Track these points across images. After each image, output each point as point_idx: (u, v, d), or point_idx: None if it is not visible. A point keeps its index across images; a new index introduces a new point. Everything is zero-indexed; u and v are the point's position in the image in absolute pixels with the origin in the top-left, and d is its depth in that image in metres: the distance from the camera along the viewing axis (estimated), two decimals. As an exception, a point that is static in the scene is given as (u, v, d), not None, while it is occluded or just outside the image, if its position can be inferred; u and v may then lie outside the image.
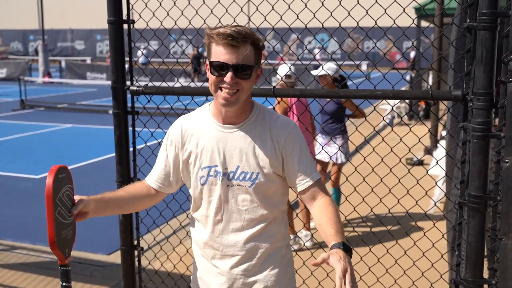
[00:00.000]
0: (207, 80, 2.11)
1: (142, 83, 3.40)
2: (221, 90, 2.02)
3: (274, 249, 2.18)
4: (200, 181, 2.15)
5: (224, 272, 2.17)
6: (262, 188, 2.11)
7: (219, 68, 1.99)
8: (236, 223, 2.14)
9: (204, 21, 2.98)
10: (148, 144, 3.42)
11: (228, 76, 1.98)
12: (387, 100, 2.80)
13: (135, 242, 3.42)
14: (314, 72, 5.04)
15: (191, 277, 2.37)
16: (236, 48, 1.97)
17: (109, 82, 3.27)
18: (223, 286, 2.18)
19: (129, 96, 3.28)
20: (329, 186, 6.05)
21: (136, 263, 3.45)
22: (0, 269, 5.12)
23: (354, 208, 3.19)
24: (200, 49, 23.53)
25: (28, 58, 36.72)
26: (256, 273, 2.16)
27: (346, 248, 1.87)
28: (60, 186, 1.95)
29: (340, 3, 2.65)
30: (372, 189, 3.15)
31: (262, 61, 2.15)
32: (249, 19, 3.04)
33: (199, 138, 2.15)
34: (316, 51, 31.09)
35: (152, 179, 2.30)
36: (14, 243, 5.91)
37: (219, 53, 1.99)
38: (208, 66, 2.04)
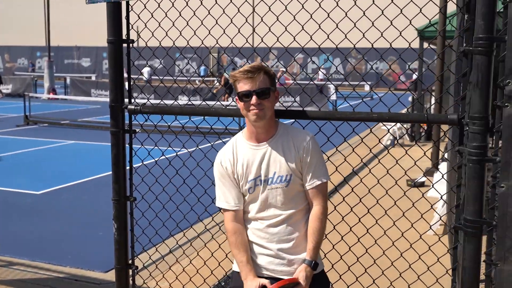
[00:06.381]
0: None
1: (145, 100, 3.41)
2: (251, 111, 2.60)
3: (304, 234, 2.71)
4: (249, 191, 2.72)
5: (271, 253, 2.72)
6: (295, 186, 2.67)
7: (246, 96, 2.59)
8: (277, 218, 2.69)
9: (202, 42, 3.00)
10: (145, 162, 3.42)
11: (253, 99, 2.58)
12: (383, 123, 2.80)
13: (130, 261, 3.40)
14: None
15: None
16: (253, 79, 2.58)
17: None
18: (271, 263, 2.73)
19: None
20: None
21: (131, 282, 3.43)
22: (-3, 286, 5.10)
23: (350, 229, 3.17)
24: (202, 68, 23.16)
25: (34, 74, 36.94)
26: (293, 253, 2.70)
27: (315, 264, 2.65)
28: None
29: (337, 25, 2.66)
30: (368, 210, 3.13)
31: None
32: (247, 40, 3.04)
33: (241, 160, 2.71)
34: (323, 71, 31.26)
35: (233, 204, 2.76)
36: (12, 259, 5.87)
37: (243, 85, 2.59)
38: (238, 98, 2.64)
